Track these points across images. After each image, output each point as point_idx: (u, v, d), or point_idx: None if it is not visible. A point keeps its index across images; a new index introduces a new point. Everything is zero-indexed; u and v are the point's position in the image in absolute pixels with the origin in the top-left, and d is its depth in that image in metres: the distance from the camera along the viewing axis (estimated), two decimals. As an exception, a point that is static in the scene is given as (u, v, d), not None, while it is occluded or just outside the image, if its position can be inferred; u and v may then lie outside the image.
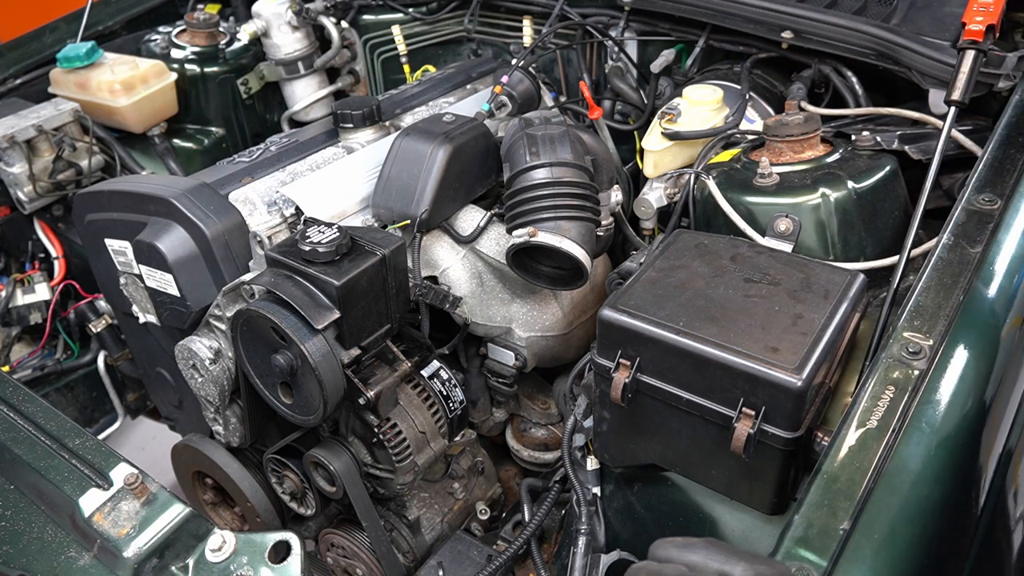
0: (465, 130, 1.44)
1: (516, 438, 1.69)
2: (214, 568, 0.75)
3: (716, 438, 1.00)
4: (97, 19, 2.09)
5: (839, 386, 1.07)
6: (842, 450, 0.87)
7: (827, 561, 0.74)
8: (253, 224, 1.38)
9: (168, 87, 1.98)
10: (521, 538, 1.36)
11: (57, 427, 0.89)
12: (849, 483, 0.82)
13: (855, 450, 0.87)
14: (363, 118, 1.58)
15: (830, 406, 1.04)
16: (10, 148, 1.80)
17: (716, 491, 1.09)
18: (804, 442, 0.98)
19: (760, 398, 0.94)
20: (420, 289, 1.39)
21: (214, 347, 1.38)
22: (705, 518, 1.14)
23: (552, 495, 1.40)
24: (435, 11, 2.02)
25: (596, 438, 1.22)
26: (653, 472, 1.17)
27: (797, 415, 0.94)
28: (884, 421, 0.89)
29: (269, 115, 2.16)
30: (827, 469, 0.84)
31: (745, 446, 0.95)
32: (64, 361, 2.02)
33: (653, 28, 1.75)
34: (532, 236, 1.32)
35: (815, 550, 0.75)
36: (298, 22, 2.02)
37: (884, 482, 0.83)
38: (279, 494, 1.53)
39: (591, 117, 1.70)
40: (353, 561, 1.55)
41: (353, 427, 1.43)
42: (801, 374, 0.92)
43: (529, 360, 1.57)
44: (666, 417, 1.05)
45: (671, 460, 1.12)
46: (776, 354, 0.95)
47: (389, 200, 1.41)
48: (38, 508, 0.83)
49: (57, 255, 1.99)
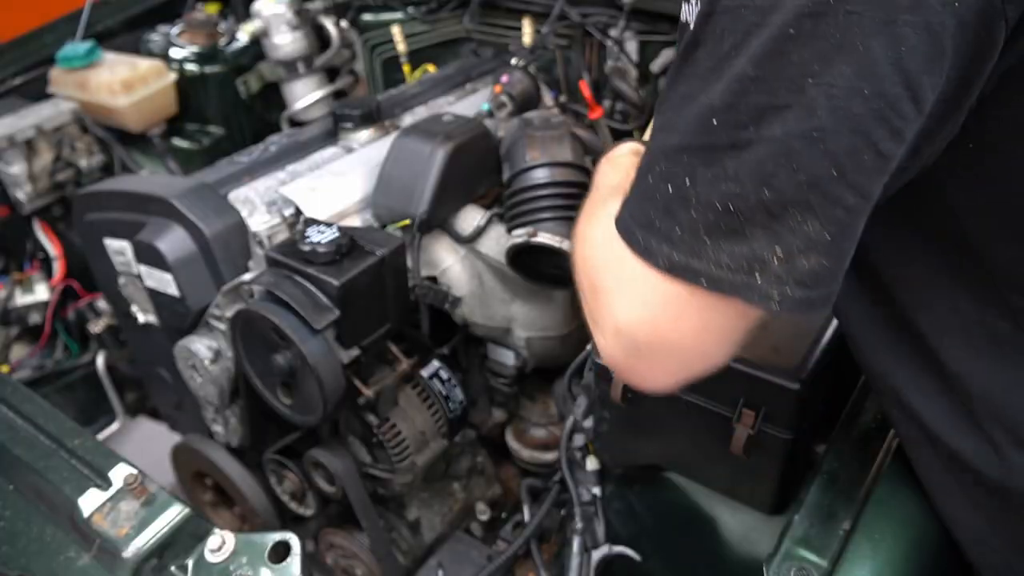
0: (465, 130, 1.44)
1: (516, 438, 1.69)
2: (213, 568, 0.75)
3: (716, 438, 1.00)
4: (97, 19, 2.09)
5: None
6: (842, 450, 0.87)
7: (827, 561, 0.74)
8: (253, 224, 1.38)
9: (168, 87, 1.98)
10: (521, 538, 1.36)
11: (56, 427, 0.89)
12: (849, 483, 0.82)
13: (855, 450, 0.87)
14: (363, 118, 1.58)
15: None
16: (9, 148, 1.80)
17: (716, 491, 1.09)
18: (804, 442, 0.98)
19: (760, 399, 0.94)
20: (420, 289, 1.39)
21: (214, 347, 1.38)
22: (705, 518, 1.14)
23: (552, 495, 1.40)
24: (435, 11, 2.02)
25: (596, 438, 1.22)
26: (653, 472, 1.17)
27: (797, 416, 0.94)
28: (884, 421, 0.89)
29: (269, 115, 2.16)
30: (827, 469, 0.84)
31: (745, 446, 0.95)
32: (64, 361, 2.02)
33: (653, 28, 1.75)
34: (532, 236, 1.32)
35: (815, 550, 0.75)
36: (298, 22, 2.02)
37: (884, 482, 0.83)
38: (279, 494, 1.53)
39: (591, 117, 1.70)
40: (353, 561, 1.55)
41: (353, 427, 1.43)
42: (801, 375, 0.92)
43: (529, 360, 1.57)
44: (666, 417, 1.05)
45: (671, 460, 1.12)
46: (776, 354, 0.95)
47: (389, 200, 1.41)
48: (37, 508, 0.83)
49: (57, 255, 1.98)
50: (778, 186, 0.56)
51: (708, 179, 0.58)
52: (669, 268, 0.60)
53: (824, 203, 0.56)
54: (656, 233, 0.61)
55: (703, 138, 0.58)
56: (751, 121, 0.56)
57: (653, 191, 0.61)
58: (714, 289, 0.59)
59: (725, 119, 0.57)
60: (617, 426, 1.13)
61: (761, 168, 0.56)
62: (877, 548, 0.77)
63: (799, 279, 0.57)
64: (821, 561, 0.74)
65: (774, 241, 0.57)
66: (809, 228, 0.56)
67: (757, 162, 0.56)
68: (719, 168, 0.57)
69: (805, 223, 0.56)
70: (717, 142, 0.57)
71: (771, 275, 0.57)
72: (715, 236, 0.58)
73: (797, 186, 0.55)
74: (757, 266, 0.57)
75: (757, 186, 0.56)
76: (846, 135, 0.54)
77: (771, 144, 0.55)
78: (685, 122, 0.59)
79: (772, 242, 0.57)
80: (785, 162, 0.55)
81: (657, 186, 0.61)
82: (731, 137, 0.57)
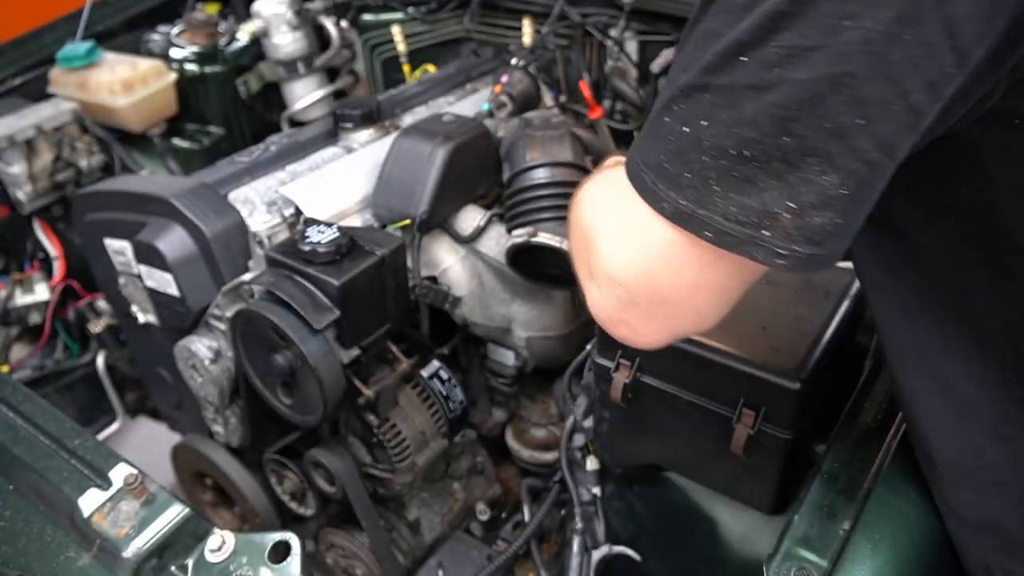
0: (465, 130, 1.44)
1: (516, 438, 1.69)
2: (213, 568, 0.75)
3: (716, 438, 1.00)
4: (97, 19, 2.09)
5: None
6: (842, 450, 0.87)
7: (827, 561, 0.74)
8: (253, 224, 1.38)
9: (168, 87, 1.98)
10: (521, 538, 1.36)
11: (56, 427, 0.89)
12: (849, 483, 0.82)
13: (855, 450, 0.87)
14: (363, 118, 1.58)
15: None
16: (9, 148, 1.80)
17: (716, 491, 1.09)
18: (804, 442, 0.98)
19: (760, 398, 0.94)
20: (420, 289, 1.39)
21: (214, 347, 1.38)
22: (705, 518, 1.14)
23: (552, 495, 1.40)
24: (435, 11, 2.02)
25: (596, 438, 1.22)
26: (653, 472, 1.17)
27: (797, 416, 0.94)
28: (884, 421, 0.89)
29: (269, 115, 2.16)
30: (827, 469, 0.84)
31: (745, 446, 0.95)
32: (64, 361, 2.02)
33: (653, 28, 1.75)
34: (532, 236, 1.32)
35: (815, 550, 0.75)
36: (298, 22, 2.02)
37: (884, 482, 0.83)
38: (279, 494, 1.53)
39: (591, 117, 1.70)
40: (353, 561, 1.55)
41: (353, 427, 1.43)
42: (801, 375, 0.92)
43: (529, 360, 1.57)
44: (666, 417, 1.05)
45: (671, 460, 1.12)
46: (776, 354, 0.95)
47: (389, 200, 1.41)
48: (37, 508, 0.83)
49: (57, 255, 1.98)
50: (798, 132, 0.53)
51: (725, 121, 0.55)
52: (674, 215, 0.58)
53: (846, 154, 0.53)
54: (664, 176, 0.58)
55: (725, 77, 0.55)
56: (778, 61, 0.52)
57: (667, 131, 0.58)
58: (719, 243, 0.56)
59: (751, 57, 0.54)
60: (617, 426, 1.13)
61: (783, 112, 0.53)
62: (877, 548, 0.77)
63: (809, 236, 0.55)
64: (821, 561, 0.74)
65: (787, 193, 0.54)
66: (826, 181, 0.53)
67: (779, 105, 0.53)
68: (738, 110, 0.54)
69: (823, 175, 0.53)
70: (739, 81, 0.54)
71: (780, 230, 0.55)
72: (726, 184, 0.55)
73: (819, 133, 0.52)
74: (767, 220, 0.55)
75: (776, 131, 0.53)
76: (878, 83, 0.51)
77: (796, 87, 0.52)
78: (708, 60, 0.56)
79: (785, 194, 0.54)
80: (809, 107, 0.52)
81: (672, 127, 0.58)
82: (754, 77, 0.54)
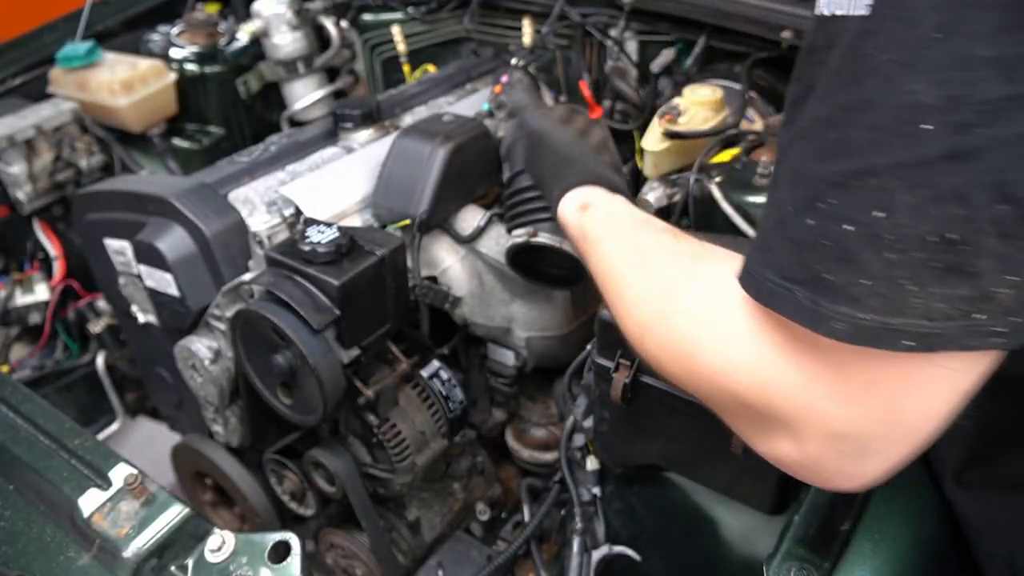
0: (465, 130, 1.44)
1: (516, 438, 1.69)
2: (213, 568, 0.75)
3: (716, 438, 1.00)
4: (97, 19, 2.09)
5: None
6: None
7: (827, 561, 0.74)
8: (253, 224, 1.38)
9: (168, 87, 1.98)
10: (521, 538, 1.36)
11: (56, 427, 0.89)
12: (849, 483, 0.82)
13: (855, 450, 0.87)
14: (363, 118, 1.58)
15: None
16: (9, 148, 1.80)
17: (716, 491, 1.09)
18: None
19: (760, 398, 0.94)
20: (420, 289, 1.39)
21: (214, 347, 1.38)
22: (705, 518, 1.14)
23: (552, 495, 1.40)
24: (435, 11, 2.02)
25: (596, 438, 1.22)
26: (653, 472, 1.17)
27: (797, 415, 0.94)
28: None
29: (269, 115, 2.16)
30: (827, 469, 0.83)
31: (745, 446, 0.94)
32: (64, 361, 2.02)
33: (653, 28, 1.75)
34: (532, 236, 1.32)
35: (815, 550, 0.75)
36: (298, 22, 2.02)
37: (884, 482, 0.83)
38: (279, 494, 1.53)
39: (591, 117, 1.70)
40: (353, 561, 1.55)
41: (353, 427, 1.43)
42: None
43: (529, 360, 1.57)
44: (666, 417, 1.05)
45: (671, 460, 1.12)
46: (776, 354, 0.95)
47: (389, 200, 1.41)
48: (37, 508, 0.83)
49: (56, 255, 1.98)
50: (1019, 195, 0.43)
51: (913, 205, 0.45)
52: (854, 335, 0.48)
53: None
54: (828, 290, 0.48)
55: (903, 152, 0.45)
56: (981, 119, 0.43)
57: (817, 236, 0.48)
58: (927, 349, 0.46)
59: (941, 121, 0.44)
60: (617, 426, 1.13)
61: (999, 176, 0.44)
62: (877, 548, 0.77)
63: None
64: (821, 561, 0.74)
65: (1007, 267, 0.44)
66: None
67: (990, 171, 0.44)
68: (931, 189, 0.45)
69: None
70: (928, 155, 0.45)
71: (997, 310, 0.45)
72: (924, 280, 0.45)
73: None
74: (980, 304, 0.45)
75: (990, 201, 0.44)
76: None
77: (1008, 146, 0.43)
78: (866, 138, 0.46)
79: (1002, 271, 0.44)
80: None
81: (824, 228, 0.48)
82: (949, 145, 0.44)
